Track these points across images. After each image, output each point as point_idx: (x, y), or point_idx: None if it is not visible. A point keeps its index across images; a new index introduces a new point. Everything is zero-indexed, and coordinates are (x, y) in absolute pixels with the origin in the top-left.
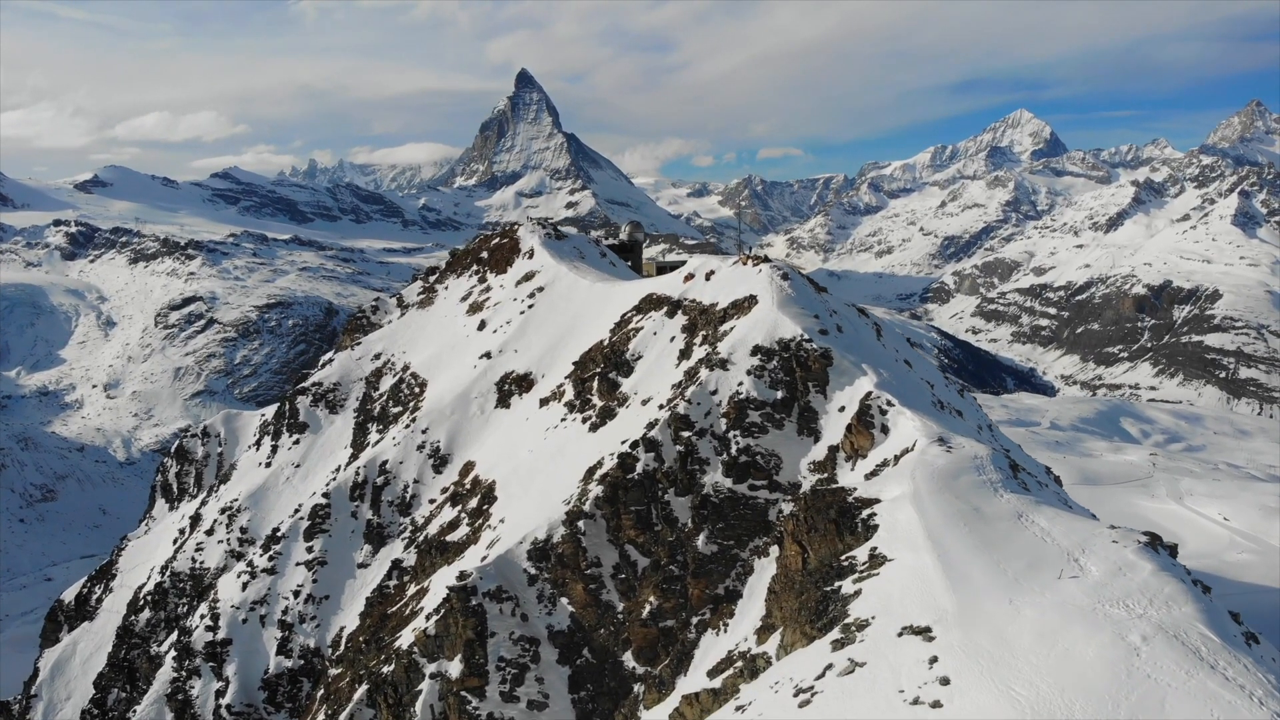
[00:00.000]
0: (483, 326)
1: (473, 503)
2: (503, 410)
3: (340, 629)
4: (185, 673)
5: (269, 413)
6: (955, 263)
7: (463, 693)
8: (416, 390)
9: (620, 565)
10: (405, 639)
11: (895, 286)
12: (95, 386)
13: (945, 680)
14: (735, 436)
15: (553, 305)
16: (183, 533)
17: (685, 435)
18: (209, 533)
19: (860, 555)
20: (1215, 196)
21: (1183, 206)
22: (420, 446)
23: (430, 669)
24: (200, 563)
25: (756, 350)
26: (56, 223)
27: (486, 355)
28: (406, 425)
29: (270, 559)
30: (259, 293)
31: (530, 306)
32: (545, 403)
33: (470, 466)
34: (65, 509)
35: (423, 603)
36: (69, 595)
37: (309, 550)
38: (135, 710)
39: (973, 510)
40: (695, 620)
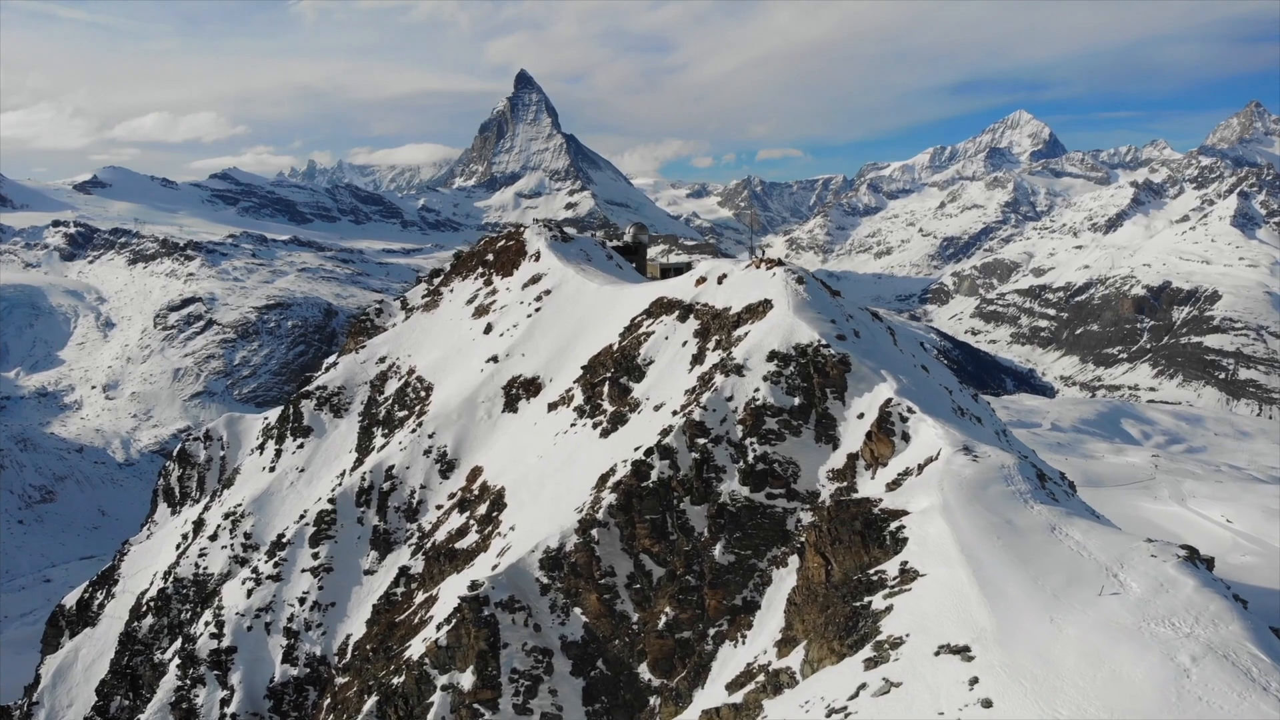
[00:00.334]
0: (489, 330)
1: (481, 509)
2: (510, 415)
3: (347, 637)
4: (190, 681)
5: (272, 416)
6: (954, 264)
7: (475, 705)
8: (422, 394)
9: (635, 575)
10: (415, 649)
11: (894, 287)
12: (94, 387)
13: (988, 703)
14: (752, 444)
15: (560, 308)
16: (185, 538)
17: (701, 442)
18: (212, 538)
19: (890, 569)
20: (1214, 197)
21: (1182, 208)
22: (427, 451)
23: (442, 680)
24: (204, 568)
25: (773, 356)
26: (55, 223)
27: (493, 359)
28: (413, 430)
29: (275, 565)
30: (258, 294)
31: (537, 309)
32: (554, 407)
33: (478, 472)
34: (64, 510)
35: (432, 611)
36: (70, 600)
37: (315, 557)
38: (139, 718)
39: (1005, 523)
40: (712, 632)
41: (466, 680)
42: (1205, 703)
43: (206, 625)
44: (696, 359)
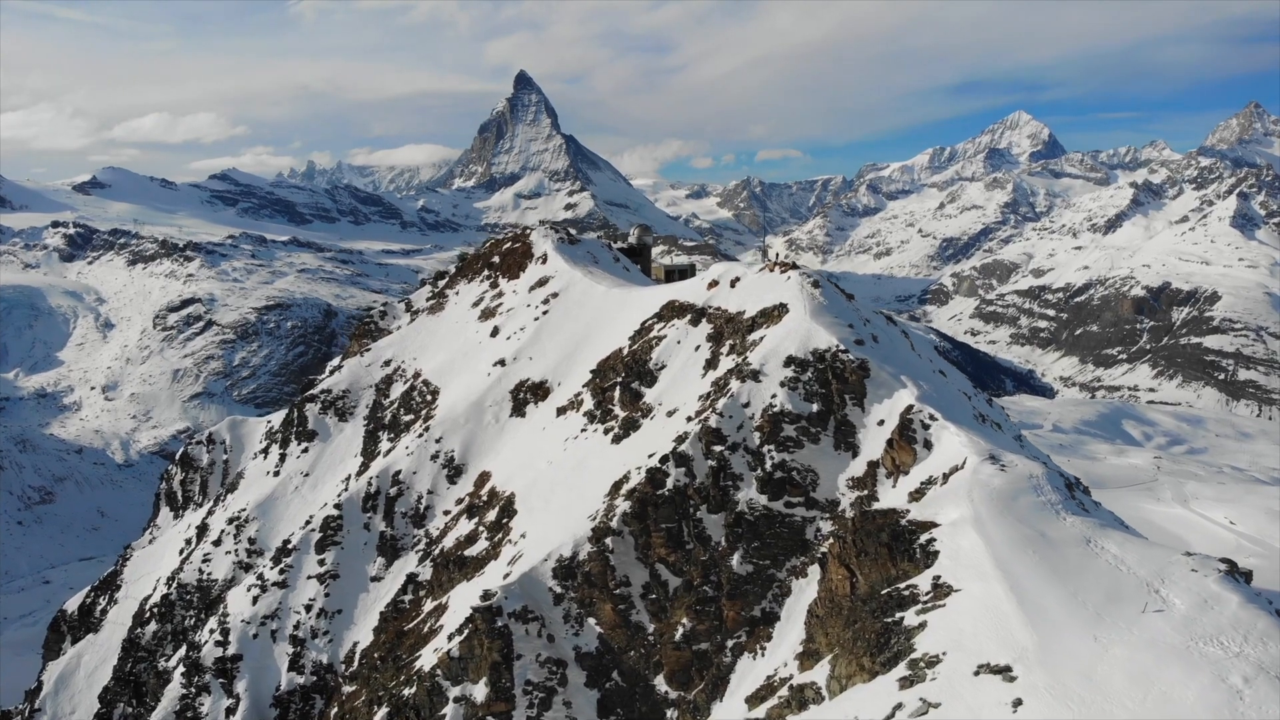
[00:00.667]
0: (496, 333)
1: (490, 515)
2: (518, 419)
3: (354, 644)
4: (195, 689)
5: (275, 419)
6: (954, 264)
7: (488, 717)
8: (428, 398)
9: (650, 585)
10: (426, 659)
11: (894, 288)
12: (93, 388)
13: None
14: (770, 451)
15: (568, 311)
16: (189, 543)
17: (717, 449)
18: (216, 543)
19: (922, 584)
20: (1214, 198)
21: (1181, 208)
22: (434, 456)
23: (454, 692)
24: (208, 574)
25: (790, 361)
26: (55, 224)
27: (500, 362)
28: (419, 434)
29: (281, 572)
30: (257, 294)
31: (544, 313)
32: (562, 412)
33: (486, 477)
34: (63, 511)
35: (442, 620)
36: (72, 605)
37: (320, 563)
38: None
39: (1039, 535)
40: (730, 643)
41: (479, 692)
42: None
43: (211, 633)
44: (710, 364)
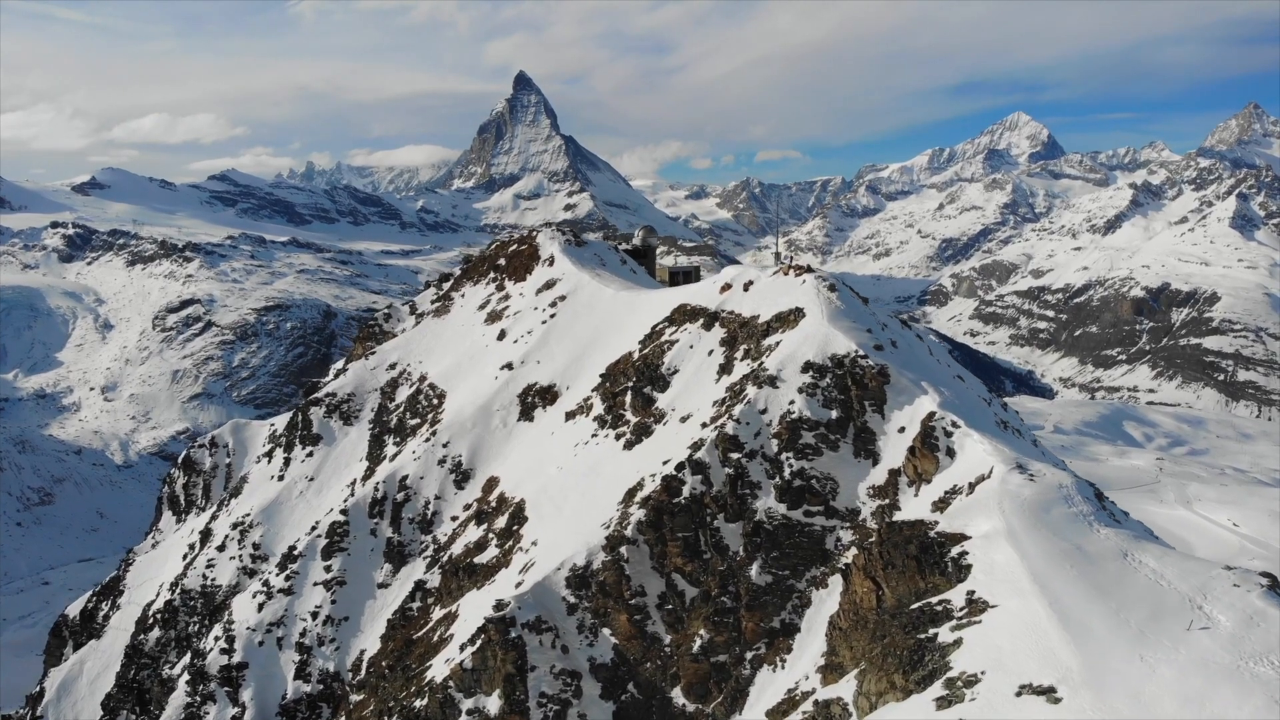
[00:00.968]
0: (502, 336)
1: (500, 522)
2: (526, 423)
3: (361, 652)
4: (199, 698)
5: (279, 423)
6: (953, 265)
7: None
8: (435, 402)
9: (667, 595)
10: (437, 670)
11: (893, 289)
12: (93, 389)
13: None
14: (788, 459)
15: (576, 314)
16: (192, 548)
17: (735, 457)
18: (220, 549)
19: (955, 599)
20: (1213, 199)
21: (1180, 209)
22: (441, 461)
23: (467, 705)
24: (212, 580)
25: (808, 367)
26: (54, 225)
27: (508, 366)
28: (426, 439)
29: (287, 578)
30: (257, 295)
31: (552, 315)
32: (571, 416)
33: (494, 482)
34: (62, 512)
35: (452, 629)
36: (73, 610)
37: (327, 569)
38: None
39: (1075, 549)
40: (749, 655)
41: (493, 704)
42: None
43: (216, 640)
44: (724, 369)
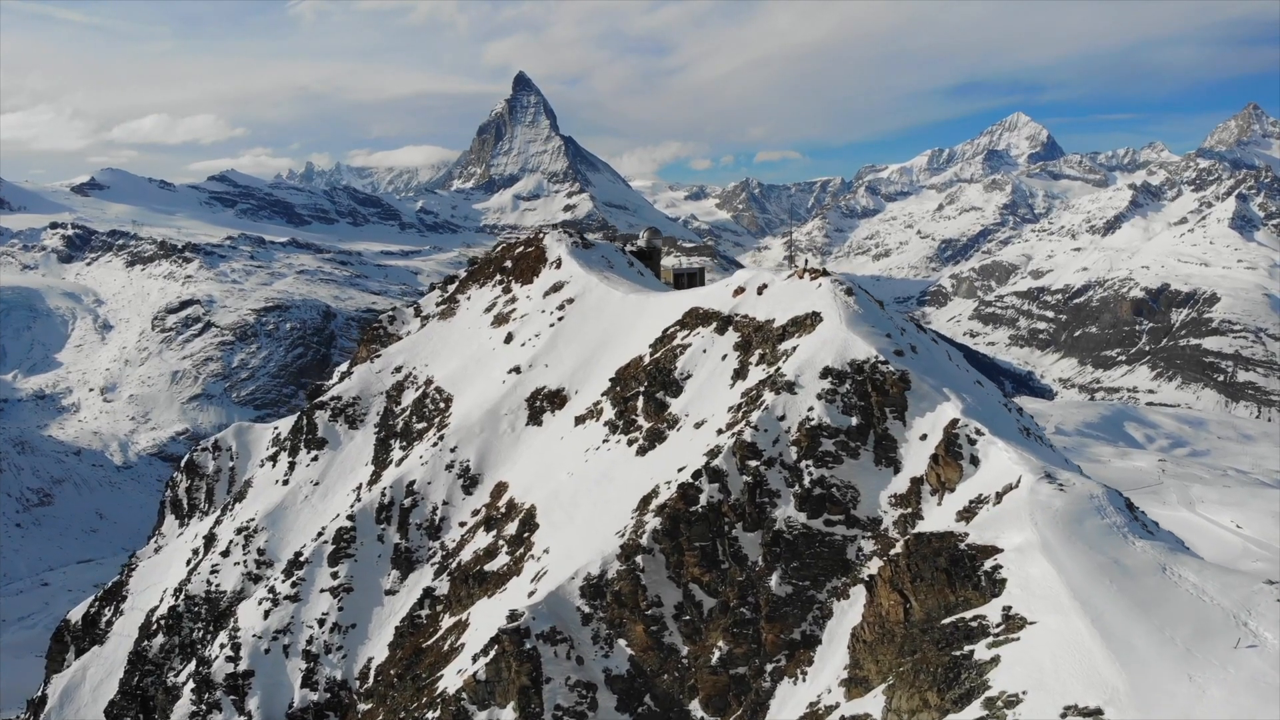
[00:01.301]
0: (510, 339)
1: (510, 528)
2: (535, 428)
3: (368, 660)
4: (205, 706)
5: (282, 426)
6: (953, 266)
7: None
8: (441, 405)
9: (684, 605)
10: (449, 680)
11: (893, 289)
12: (92, 390)
13: None
14: (808, 466)
15: (584, 317)
16: (196, 553)
17: (753, 464)
18: (225, 554)
19: (990, 614)
20: (1212, 200)
21: (1180, 210)
22: (449, 466)
23: (481, 717)
24: (216, 585)
25: (827, 373)
26: (53, 225)
27: (516, 369)
28: (433, 443)
29: (293, 585)
30: (256, 296)
31: (560, 318)
32: (581, 421)
33: (503, 488)
34: (62, 513)
35: (463, 638)
36: (75, 615)
37: (334, 576)
38: None
39: (1112, 563)
40: (770, 667)
41: (508, 717)
42: None
43: (222, 648)
44: (738, 374)
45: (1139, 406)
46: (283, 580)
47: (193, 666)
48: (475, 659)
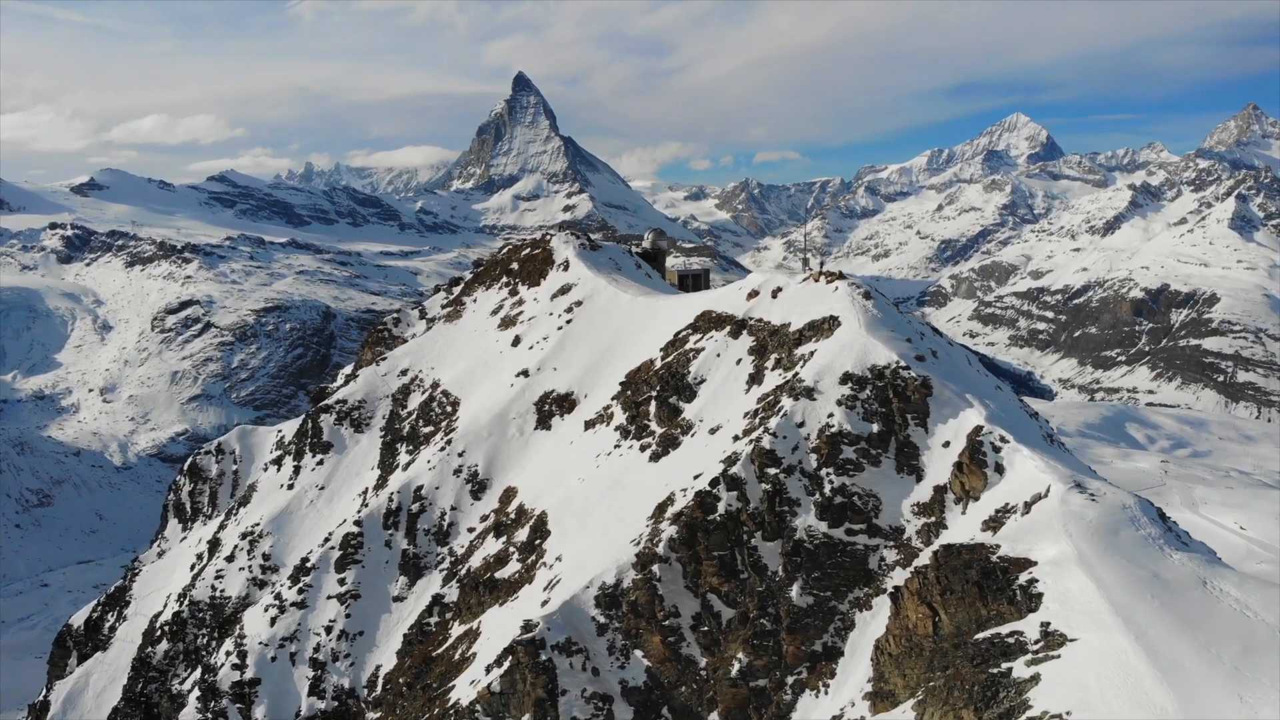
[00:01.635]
0: (517, 342)
1: (520, 535)
2: (543, 432)
3: (376, 668)
4: (211, 714)
5: (286, 429)
6: (952, 266)
7: None
8: (448, 409)
9: (702, 616)
10: (461, 691)
11: (892, 290)
12: (91, 390)
13: None
14: (829, 474)
15: (593, 320)
16: (200, 558)
17: (772, 472)
18: (229, 559)
19: (1028, 630)
20: (1212, 200)
21: (1179, 210)
22: (457, 471)
23: None
24: (221, 591)
25: (846, 378)
26: (53, 226)
27: (523, 373)
28: (441, 447)
29: (300, 591)
30: (256, 296)
31: (568, 321)
32: (591, 425)
33: (512, 493)
34: (61, 514)
35: (475, 647)
36: (78, 620)
37: (341, 582)
38: None
39: (1153, 577)
40: (791, 680)
41: None
42: None
43: (228, 655)
44: (754, 379)
45: (1139, 407)
46: (289, 587)
47: (198, 674)
48: (489, 670)
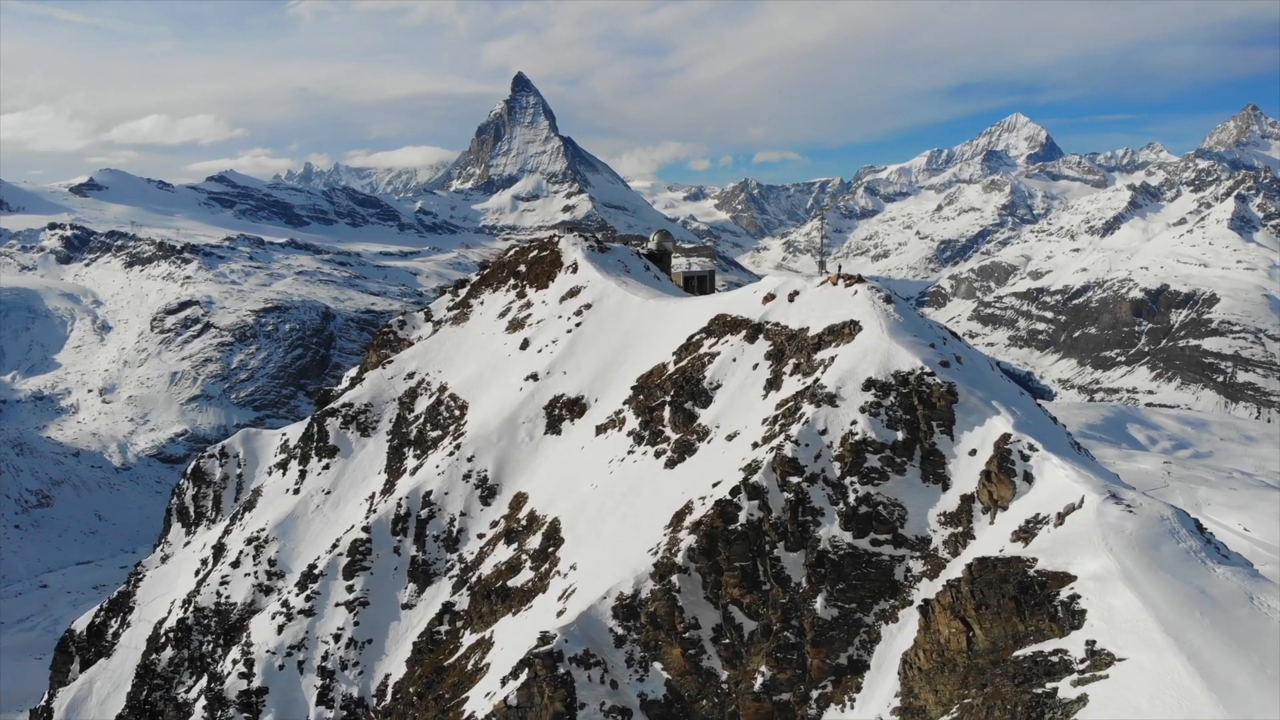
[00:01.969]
0: (526, 345)
1: (533, 542)
2: (553, 437)
3: (386, 677)
4: None
5: (290, 433)
6: (952, 266)
7: None
8: (456, 413)
9: (723, 628)
10: (476, 704)
11: (892, 290)
12: (91, 391)
13: None
14: (853, 483)
15: (602, 323)
16: (205, 563)
17: (794, 481)
18: (235, 565)
19: (1072, 649)
20: (1211, 200)
21: (1179, 210)
22: (466, 476)
23: None
24: (226, 597)
25: (870, 384)
26: (52, 226)
27: (533, 377)
28: (450, 452)
29: (307, 599)
30: (255, 296)
31: (577, 324)
32: (602, 430)
33: (522, 499)
34: (61, 515)
35: (488, 658)
36: (80, 625)
37: (349, 589)
38: None
39: (1199, 593)
40: (815, 694)
41: None
42: None
43: (235, 664)
44: (772, 384)
45: (1140, 407)
46: (296, 593)
47: (204, 682)
48: (504, 682)
